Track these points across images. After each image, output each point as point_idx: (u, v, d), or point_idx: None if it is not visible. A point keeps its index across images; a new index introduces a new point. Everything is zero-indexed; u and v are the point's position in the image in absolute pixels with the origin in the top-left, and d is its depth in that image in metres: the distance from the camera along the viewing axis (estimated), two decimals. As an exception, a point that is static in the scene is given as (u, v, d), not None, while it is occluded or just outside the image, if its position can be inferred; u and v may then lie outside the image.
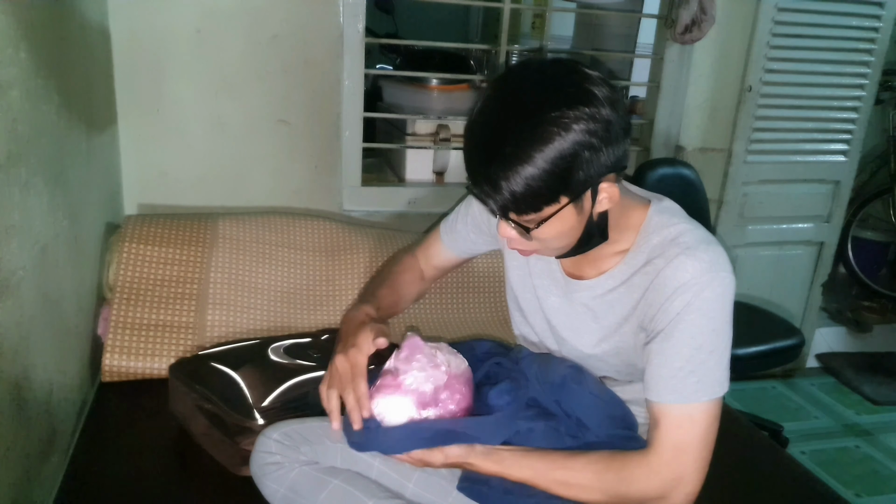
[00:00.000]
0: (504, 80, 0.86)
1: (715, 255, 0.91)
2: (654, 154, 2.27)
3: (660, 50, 2.21)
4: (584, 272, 1.01)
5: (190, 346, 1.49)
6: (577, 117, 0.79)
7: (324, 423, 1.12)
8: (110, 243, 1.59)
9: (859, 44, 2.37)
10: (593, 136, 0.80)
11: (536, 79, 0.84)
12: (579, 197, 0.84)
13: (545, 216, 0.85)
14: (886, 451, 2.34)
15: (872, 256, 3.31)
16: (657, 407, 0.91)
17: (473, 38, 3.88)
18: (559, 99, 0.80)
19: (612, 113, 0.81)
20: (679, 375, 0.89)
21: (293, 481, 1.02)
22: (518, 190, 0.81)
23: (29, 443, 1.08)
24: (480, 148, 0.84)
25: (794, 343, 2.00)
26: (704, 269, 0.89)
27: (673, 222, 0.95)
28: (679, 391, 0.89)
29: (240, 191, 1.91)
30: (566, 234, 0.89)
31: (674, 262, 0.90)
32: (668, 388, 0.90)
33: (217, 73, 1.79)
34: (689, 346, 0.89)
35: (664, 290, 0.90)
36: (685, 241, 0.92)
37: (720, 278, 0.89)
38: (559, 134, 0.79)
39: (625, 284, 0.96)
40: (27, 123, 1.08)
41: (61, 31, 1.30)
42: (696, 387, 0.89)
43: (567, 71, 0.84)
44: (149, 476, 1.19)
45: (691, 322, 0.89)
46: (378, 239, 1.81)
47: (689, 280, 0.88)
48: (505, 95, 0.84)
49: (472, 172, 0.85)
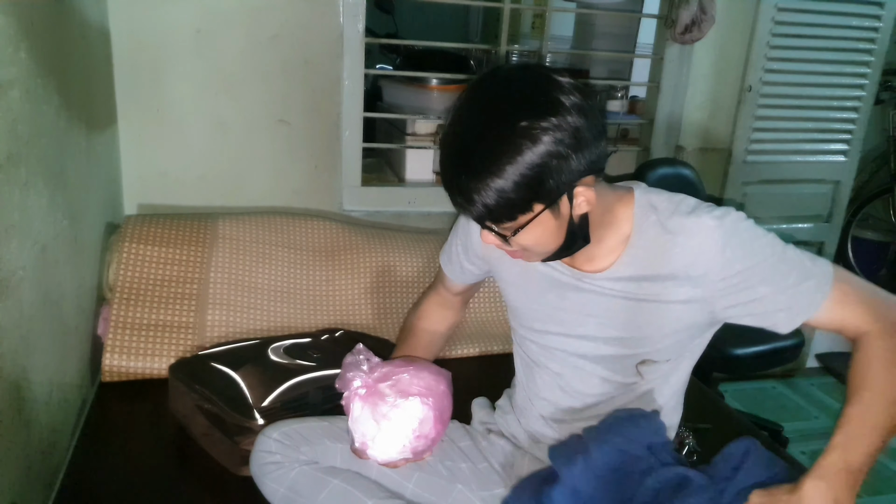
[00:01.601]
0: (474, 91, 0.87)
1: (714, 207, 0.94)
2: (654, 154, 2.27)
3: (660, 50, 2.21)
4: (594, 265, 1.01)
5: (190, 346, 1.49)
6: (545, 128, 0.80)
7: (323, 423, 1.12)
8: (110, 243, 1.59)
9: (859, 44, 2.37)
10: (560, 144, 0.81)
11: (505, 89, 0.85)
12: (554, 203, 0.86)
13: (521, 224, 0.87)
14: (886, 451, 2.33)
15: (872, 256, 3.31)
16: (816, 319, 0.92)
17: (473, 38, 3.88)
18: (527, 110, 0.81)
19: (581, 119, 0.82)
20: (799, 288, 0.90)
21: (293, 481, 1.03)
22: (490, 202, 0.83)
23: (29, 443, 1.08)
24: (454, 160, 0.86)
25: (794, 343, 2.00)
26: (719, 214, 0.92)
27: (663, 197, 0.97)
28: (815, 294, 0.90)
29: (240, 191, 1.91)
30: (547, 238, 0.90)
31: (688, 227, 0.92)
32: (806, 304, 0.91)
33: (217, 73, 1.79)
34: (773, 262, 0.91)
35: (700, 249, 0.91)
36: (684, 208, 0.94)
37: (733, 213, 0.93)
38: (528, 146, 0.80)
39: (641, 267, 0.97)
40: (27, 123, 1.08)
41: (61, 31, 1.30)
42: (819, 277, 0.91)
43: (535, 79, 0.85)
44: (149, 476, 1.19)
45: (752, 251, 0.91)
46: (378, 239, 1.81)
47: (716, 226, 0.91)
48: (475, 107, 0.86)
49: (447, 185, 0.87)
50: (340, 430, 1.11)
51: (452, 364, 1.65)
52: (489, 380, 1.35)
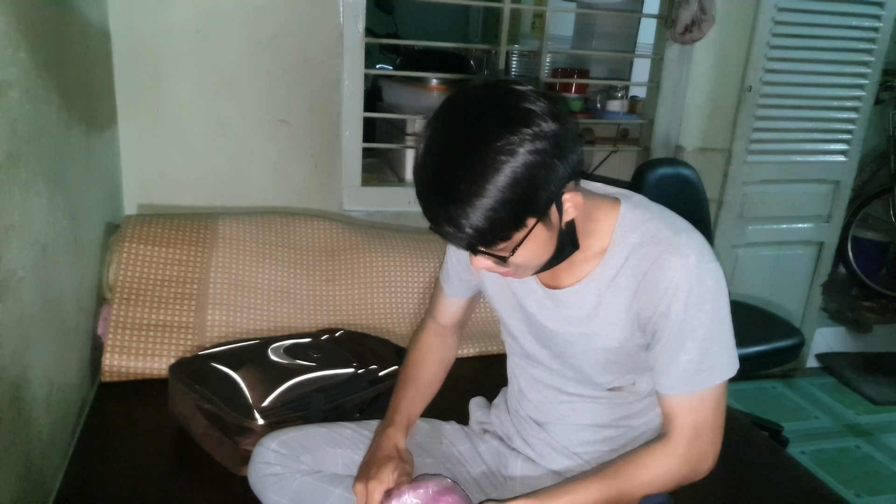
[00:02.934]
0: (443, 117, 0.84)
1: (697, 246, 0.91)
2: (654, 154, 2.27)
3: (660, 50, 2.21)
4: (560, 281, 1.00)
5: (190, 346, 1.49)
6: (521, 140, 0.78)
7: (321, 430, 1.11)
8: (110, 243, 1.59)
9: (859, 44, 2.37)
10: (542, 154, 0.79)
11: (473, 110, 0.82)
12: (545, 214, 0.84)
13: (517, 242, 0.84)
14: (886, 451, 2.33)
15: (872, 256, 3.31)
16: (670, 399, 0.94)
17: (473, 38, 3.87)
18: (500, 126, 0.79)
19: (556, 125, 0.80)
20: (689, 369, 0.92)
21: (295, 492, 1.02)
22: (481, 225, 0.80)
23: (29, 443, 1.08)
24: (434, 191, 0.82)
25: (794, 343, 2.00)
26: (692, 264, 0.89)
27: (647, 217, 0.94)
28: (690, 383, 0.92)
29: (240, 191, 1.91)
30: (541, 252, 0.89)
31: (659, 262, 0.90)
32: (680, 382, 0.93)
33: (217, 73, 1.79)
34: (692, 339, 0.91)
35: (655, 290, 0.90)
36: (665, 236, 0.91)
37: (708, 270, 0.90)
38: (507, 161, 0.78)
39: (609, 287, 0.95)
40: (27, 123, 1.08)
41: (61, 31, 1.30)
42: (707, 374, 0.92)
43: (502, 95, 0.83)
44: (149, 476, 1.19)
45: (690, 318, 0.90)
46: (378, 239, 1.81)
47: (678, 279, 0.89)
48: (446, 133, 0.83)
49: (430, 215, 0.84)
50: (340, 436, 1.11)
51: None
52: (487, 379, 1.35)
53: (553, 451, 1.09)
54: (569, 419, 1.07)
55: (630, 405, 1.04)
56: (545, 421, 1.10)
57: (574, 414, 1.07)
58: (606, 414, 1.05)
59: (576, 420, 1.07)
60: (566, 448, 1.08)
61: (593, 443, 1.06)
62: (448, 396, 1.25)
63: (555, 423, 1.09)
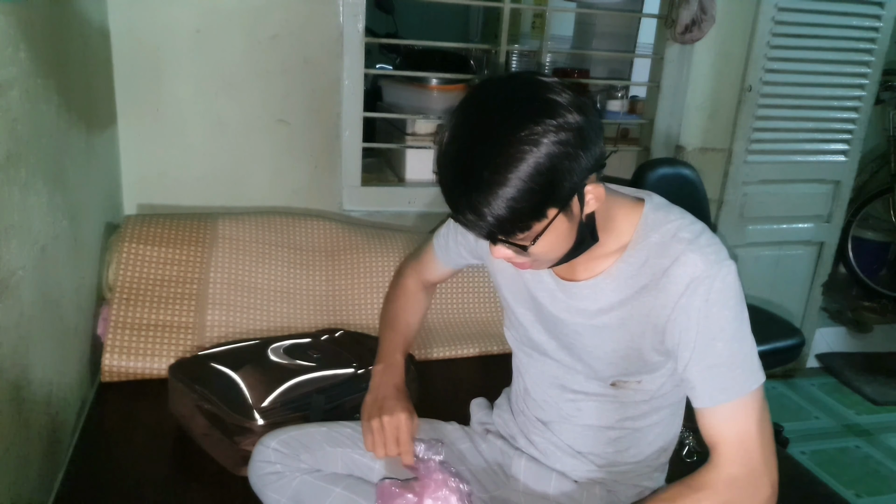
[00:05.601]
0: (467, 106, 0.85)
1: (716, 245, 0.92)
2: (654, 154, 2.27)
3: (660, 50, 2.21)
4: (577, 274, 1.00)
5: (190, 346, 1.49)
6: (545, 130, 0.78)
7: (321, 429, 1.12)
8: (110, 243, 1.59)
9: (859, 44, 2.37)
10: (566, 144, 0.79)
11: (498, 99, 0.83)
12: (567, 205, 0.84)
13: (538, 232, 0.84)
14: (886, 451, 2.33)
15: (872, 256, 3.31)
16: (709, 411, 0.91)
17: (473, 38, 3.87)
18: (524, 116, 0.79)
19: (580, 117, 0.81)
20: (724, 372, 0.89)
21: (295, 491, 1.02)
22: (502, 214, 0.80)
23: (29, 443, 1.08)
24: (457, 178, 0.83)
25: (795, 343, 2.00)
26: (711, 261, 0.89)
27: (670, 219, 0.95)
28: (729, 388, 0.89)
29: (239, 191, 1.91)
30: (561, 243, 0.89)
31: (680, 259, 0.90)
32: (717, 389, 0.90)
33: (217, 73, 1.79)
34: (721, 340, 0.89)
35: (675, 286, 0.90)
36: (685, 235, 0.92)
37: (727, 267, 0.90)
38: (530, 151, 0.78)
39: (626, 284, 0.95)
40: (27, 123, 1.08)
41: (61, 31, 1.30)
42: (743, 377, 0.89)
43: (526, 85, 0.84)
44: (149, 476, 1.19)
45: (714, 317, 0.89)
46: (378, 239, 1.81)
47: (699, 274, 0.89)
48: (471, 121, 0.83)
49: (452, 203, 0.85)
50: (340, 435, 1.11)
51: (452, 364, 1.66)
52: (488, 380, 1.35)
53: (558, 450, 1.09)
54: (574, 419, 1.07)
55: (636, 405, 1.04)
56: (550, 420, 1.10)
57: (579, 414, 1.06)
58: (612, 414, 1.05)
59: (581, 420, 1.07)
60: (571, 447, 1.08)
61: (598, 444, 1.06)
62: (449, 397, 1.26)
63: (560, 423, 1.09)
